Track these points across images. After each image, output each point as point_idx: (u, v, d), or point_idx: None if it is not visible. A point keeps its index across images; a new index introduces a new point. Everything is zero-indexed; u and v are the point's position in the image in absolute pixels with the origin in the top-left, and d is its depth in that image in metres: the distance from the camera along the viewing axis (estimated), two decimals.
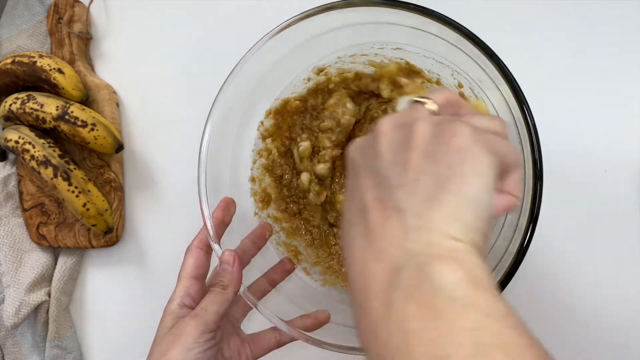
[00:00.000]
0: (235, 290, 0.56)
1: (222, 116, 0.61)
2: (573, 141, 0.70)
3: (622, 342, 0.69)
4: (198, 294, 0.57)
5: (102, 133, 0.76)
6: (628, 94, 0.69)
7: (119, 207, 0.80)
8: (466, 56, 0.55)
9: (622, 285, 0.69)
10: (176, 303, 0.56)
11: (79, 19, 0.82)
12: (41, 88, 0.78)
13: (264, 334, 0.62)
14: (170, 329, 0.53)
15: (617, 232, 0.69)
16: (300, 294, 0.67)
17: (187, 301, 0.56)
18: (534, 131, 0.51)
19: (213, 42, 0.79)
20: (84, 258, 0.84)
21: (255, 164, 0.71)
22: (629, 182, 0.69)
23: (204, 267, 0.59)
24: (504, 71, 0.52)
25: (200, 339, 0.52)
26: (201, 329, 0.52)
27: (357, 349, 0.56)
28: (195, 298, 0.57)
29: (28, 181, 0.82)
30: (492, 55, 0.52)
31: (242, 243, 0.63)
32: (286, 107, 0.70)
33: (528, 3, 0.72)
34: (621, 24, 0.70)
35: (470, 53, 0.54)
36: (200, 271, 0.59)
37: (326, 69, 0.69)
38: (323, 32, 0.61)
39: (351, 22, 0.60)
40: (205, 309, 0.54)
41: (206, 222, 0.59)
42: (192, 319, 0.53)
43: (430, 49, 0.62)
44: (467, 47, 0.53)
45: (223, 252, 0.57)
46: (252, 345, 0.61)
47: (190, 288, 0.57)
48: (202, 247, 0.60)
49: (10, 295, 0.79)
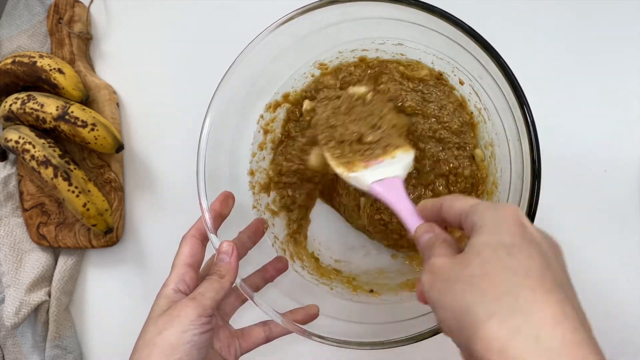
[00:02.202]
0: (231, 281, 0.56)
1: (222, 109, 0.61)
2: (573, 142, 0.70)
3: (623, 343, 0.69)
4: (192, 281, 0.57)
5: (102, 133, 0.76)
6: (628, 95, 0.70)
7: (119, 207, 0.80)
8: (467, 53, 0.55)
9: (623, 285, 0.69)
10: (171, 288, 0.56)
11: (79, 19, 0.82)
12: (41, 88, 0.78)
13: (253, 329, 0.62)
14: (165, 311, 0.53)
15: (617, 232, 0.69)
16: (294, 286, 0.67)
17: (181, 287, 0.56)
18: (532, 126, 0.51)
19: (212, 42, 0.80)
20: (84, 258, 0.84)
21: (254, 157, 0.71)
22: (629, 183, 0.69)
23: (198, 255, 0.59)
24: (503, 67, 0.52)
25: (197, 322, 0.52)
26: (198, 312, 0.52)
27: (349, 342, 0.56)
28: (189, 285, 0.57)
29: (28, 181, 0.82)
30: (492, 52, 0.52)
31: (239, 235, 0.64)
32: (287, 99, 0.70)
33: (528, 4, 0.72)
34: (621, 25, 0.70)
35: (471, 49, 0.54)
36: (195, 259, 0.59)
37: (327, 64, 0.69)
38: (323, 27, 0.61)
39: (352, 17, 0.60)
40: (202, 294, 0.54)
41: (204, 211, 0.59)
42: (190, 301, 0.53)
43: (431, 45, 0.63)
44: (467, 43, 0.54)
45: (221, 243, 0.58)
46: (241, 339, 0.61)
47: (185, 275, 0.57)
48: (198, 237, 0.60)
49: (10, 295, 0.79)
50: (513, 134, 0.56)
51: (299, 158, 0.66)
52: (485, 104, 0.63)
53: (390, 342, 0.55)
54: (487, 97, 0.60)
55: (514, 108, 0.53)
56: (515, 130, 0.54)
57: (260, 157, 0.71)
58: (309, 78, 0.70)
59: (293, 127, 0.72)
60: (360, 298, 0.66)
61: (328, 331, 0.57)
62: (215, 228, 0.59)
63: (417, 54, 0.66)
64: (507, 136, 0.59)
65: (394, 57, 0.68)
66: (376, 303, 0.65)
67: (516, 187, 0.56)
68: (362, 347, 0.56)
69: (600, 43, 0.70)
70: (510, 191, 0.59)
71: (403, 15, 0.56)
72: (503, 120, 0.59)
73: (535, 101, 0.52)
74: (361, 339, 0.57)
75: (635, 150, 0.69)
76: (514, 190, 0.57)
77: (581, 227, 0.70)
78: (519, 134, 0.53)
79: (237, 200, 0.63)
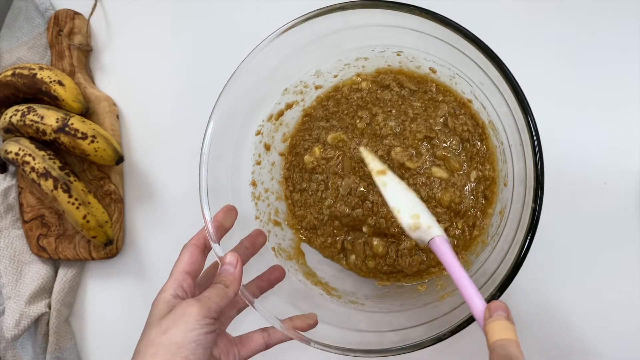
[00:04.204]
0: (235, 291, 0.56)
1: (224, 119, 0.61)
2: (573, 154, 0.70)
3: (622, 352, 0.68)
4: (190, 289, 0.57)
5: (102, 145, 0.76)
6: (628, 108, 0.70)
7: (119, 219, 0.80)
8: (468, 59, 0.56)
9: (622, 296, 0.69)
10: (169, 293, 0.55)
11: (79, 31, 0.82)
12: (41, 100, 0.78)
13: (252, 336, 0.62)
14: (169, 312, 0.53)
15: (616, 244, 0.69)
16: (294, 293, 0.67)
17: (179, 292, 0.56)
18: (535, 131, 0.51)
19: (212, 54, 0.80)
20: (84, 270, 0.83)
21: (257, 165, 0.71)
22: (628, 195, 0.69)
23: (198, 264, 0.59)
24: (505, 72, 0.52)
25: (202, 322, 0.51)
26: (204, 313, 0.52)
27: (349, 349, 0.56)
28: (187, 292, 0.56)
29: (28, 193, 0.82)
30: (493, 57, 0.52)
31: (240, 244, 0.64)
32: None
33: (528, 15, 0.72)
34: (621, 36, 0.70)
35: (472, 56, 0.54)
36: (194, 267, 0.58)
37: (325, 74, 0.70)
38: (324, 35, 0.61)
39: (351, 26, 0.60)
40: (208, 297, 0.53)
41: (206, 221, 0.59)
42: (196, 302, 0.53)
43: (431, 52, 0.63)
44: (469, 50, 0.54)
45: (226, 254, 0.57)
46: (240, 346, 0.61)
47: (183, 282, 0.57)
48: (199, 245, 0.60)
49: (10, 307, 0.78)
50: (515, 140, 0.56)
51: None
52: (489, 113, 0.63)
53: (392, 350, 0.55)
54: (488, 104, 0.61)
55: (515, 112, 0.53)
56: (517, 137, 0.54)
57: (262, 167, 0.71)
58: (310, 87, 0.71)
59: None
60: (361, 307, 0.66)
61: (328, 338, 0.57)
62: (218, 238, 0.59)
63: (417, 61, 0.66)
64: (510, 142, 0.59)
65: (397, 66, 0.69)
66: (377, 311, 0.65)
67: (519, 196, 0.56)
68: (362, 355, 0.56)
69: (600, 57, 0.71)
70: (512, 201, 0.59)
71: (405, 22, 0.57)
72: (505, 127, 0.59)
73: (535, 114, 0.52)
74: (361, 347, 0.56)
75: (635, 162, 0.69)
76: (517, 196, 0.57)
77: (580, 238, 0.70)
78: (522, 139, 0.53)
79: (240, 211, 0.63)
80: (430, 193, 0.64)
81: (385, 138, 0.66)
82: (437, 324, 0.56)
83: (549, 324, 0.70)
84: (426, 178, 0.65)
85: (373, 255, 0.67)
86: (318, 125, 0.71)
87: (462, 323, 0.53)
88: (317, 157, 0.69)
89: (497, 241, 0.60)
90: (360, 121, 0.69)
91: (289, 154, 0.73)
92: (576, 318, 0.69)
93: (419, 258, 0.66)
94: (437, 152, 0.65)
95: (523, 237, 0.51)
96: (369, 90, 0.70)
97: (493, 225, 0.64)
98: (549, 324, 0.70)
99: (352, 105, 0.71)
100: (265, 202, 0.71)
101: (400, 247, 0.66)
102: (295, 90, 0.70)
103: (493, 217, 0.64)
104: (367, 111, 0.69)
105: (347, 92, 0.71)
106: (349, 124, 0.70)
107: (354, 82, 0.71)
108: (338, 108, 0.71)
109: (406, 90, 0.69)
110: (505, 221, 0.59)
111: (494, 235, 0.62)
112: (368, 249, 0.68)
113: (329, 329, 0.61)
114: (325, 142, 0.69)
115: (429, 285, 0.66)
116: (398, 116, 0.67)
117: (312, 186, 0.70)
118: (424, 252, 0.67)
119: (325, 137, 0.69)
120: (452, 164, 0.65)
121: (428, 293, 0.65)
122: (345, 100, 0.71)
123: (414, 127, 0.66)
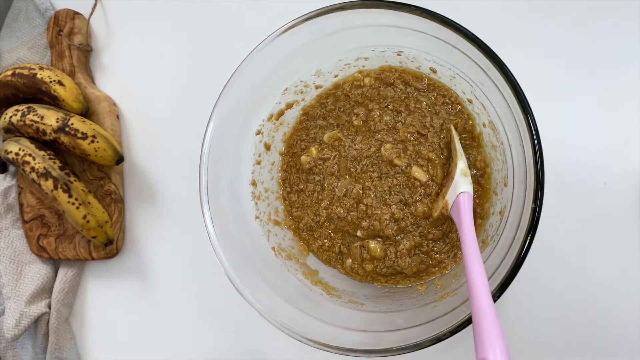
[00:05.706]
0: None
1: (223, 119, 0.61)
2: (573, 154, 0.70)
3: (622, 350, 0.68)
4: None
5: (102, 145, 0.76)
6: (628, 108, 0.70)
7: (119, 219, 0.80)
8: (469, 59, 0.56)
9: (622, 295, 0.69)
10: None
11: (79, 31, 0.82)
12: (41, 100, 0.78)
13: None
14: None
15: (616, 243, 0.69)
16: (294, 293, 0.67)
17: None
18: (535, 131, 0.51)
19: (211, 55, 0.80)
20: (84, 270, 0.83)
21: (257, 165, 0.71)
22: (628, 195, 0.69)
23: None
24: (505, 72, 0.52)
25: None
26: None
27: (348, 349, 0.56)
28: None
29: (28, 193, 0.82)
30: (494, 57, 0.52)
31: None
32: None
33: (528, 15, 0.72)
34: (621, 36, 0.70)
35: (473, 56, 0.54)
36: None
37: (326, 74, 0.70)
38: (324, 35, 0.61)
39: (351, 26, 0.60)
40: None
41: (207, 221, 0.59)
42: None
43: (431, 52, 0.63)
44: (469, 49, 0.54)
45: None
46: None
47: None
48: None
49: (10, 307, 0.78)
50: (515, 140, 0.56)
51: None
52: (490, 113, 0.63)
53: (392, 350, 0.55)
54: (489, 103, 0.61)
55: (516, 112, 0.53)
56: (518, 137, 0.54)
57: (262, 167, 0.71)
58: (310, 87, 0.71)
59: None
60: (361, 307, 0.66)
61: (328, 338, 0.57)
62: None
63: (417, 61, 0.66)
64: (510, 143, 0.59)
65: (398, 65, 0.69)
66: (377, 311, 0.65)
67: (519, 196, 0.56)
68: (362, 355, 0.56)
69: (601, 57, 0.71)
70: (512, 201, 0.59)
71: (405, 22, 0.57)
72: (505, 128, 0.59)
73: (535, 114, 0.52)
74: (361, 347, 0.57)
75: (634, 162, 0.69)
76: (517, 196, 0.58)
77: (580, 238, 0.70)
78: (522, 138, 0.53)
79: (240, 210, 0.63)
80: (410, 200, 0.65)
81: (379, 133, 0.67)
82: (437, 324, 0.56)
83: (549, 323, 0.70)
84: (407, 179, 0.65)
85: (371, 258, 0.67)
86: (315, 124, 0.71)
87: (462, 323, 0.53)
88: (314, 157, 0.69)
89: (497, 241, 0.60)
90: (356, 118, 0.69)
91: (286, 154, 0.73)
92: (576, 317, 0.69)
93: (419, 258, 0.66)
94: (422, 151, 0.66)
95: (523, 237, 0.51)
96: (370, 87, 0.70)
97: (493, 225, 0.64)
98: (549, 323, 0.70)
99: (350, 101, 0.71)
100: (266, 202, 0.71)
101: (399, 248, 0.66)
102: (295, 89, 0.70)
103: (493, 217, 0.65)
104: (364, 107, 0.69)
105: (348, 88, 0.71)
106: (345, 121, 0.70)
107: (355, 78, 0.71)
108: (335, 105, 0.71)
109: (412, 88, 0.69)
110: (505, 221, 0.59)
111: (493, 235, 0.62)
112: (365, 252, 0.68)
113: (329, 329, 0.61)
114: (322, 142, 0.69)
115: (429, 286, 0.66)
116: (396, 109, 0.68)
117: (309, 187, 0.70)
118: (423, 253, 0.67)
119: (321, 137, 0.69)
120: (435, 170, 0.65)
121: (428, 293, 0.65)
122: (345, 97, 0.71)
123: (408, 120, 0.66)
